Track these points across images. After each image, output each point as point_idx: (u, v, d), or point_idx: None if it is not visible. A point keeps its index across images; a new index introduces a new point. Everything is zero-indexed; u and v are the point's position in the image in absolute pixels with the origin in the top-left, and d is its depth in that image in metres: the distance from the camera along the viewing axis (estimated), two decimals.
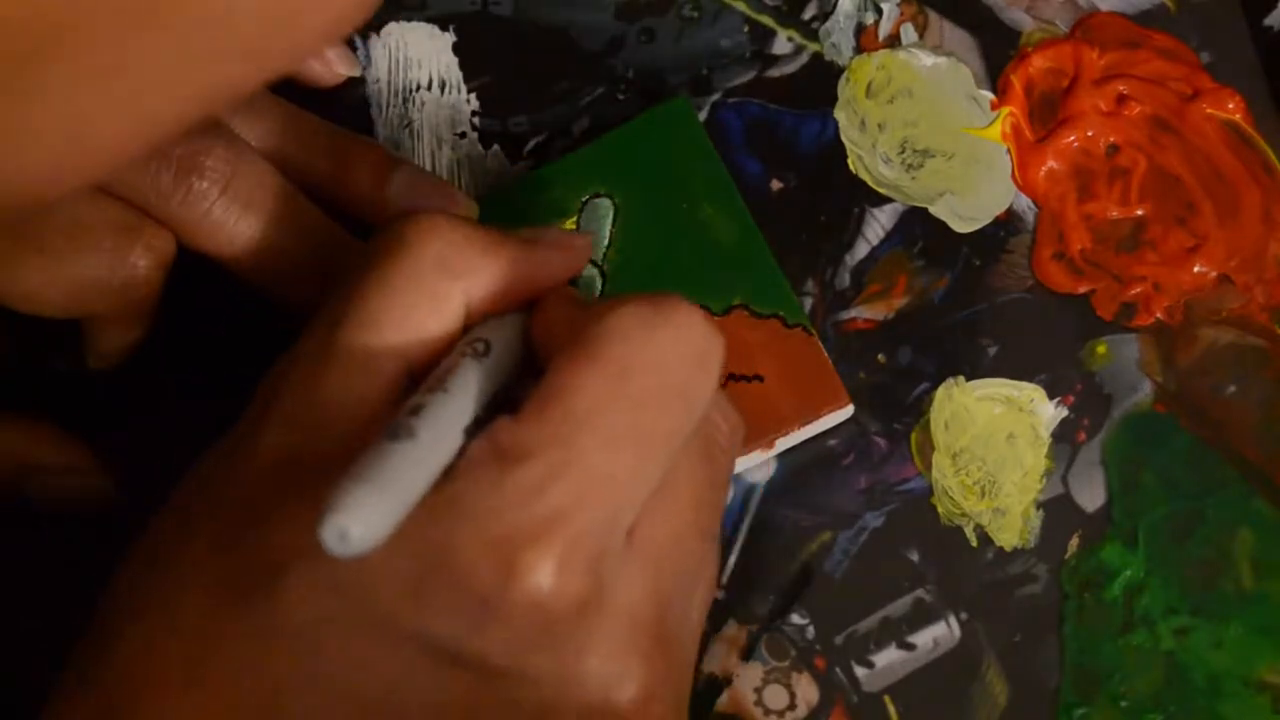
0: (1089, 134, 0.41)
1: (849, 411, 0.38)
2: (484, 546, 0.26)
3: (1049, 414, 0.40)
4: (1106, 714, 0.38)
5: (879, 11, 0.42)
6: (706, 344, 0.29)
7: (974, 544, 0.39)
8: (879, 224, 0.41)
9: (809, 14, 0.42)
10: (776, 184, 0.41)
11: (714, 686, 0.37)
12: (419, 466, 0.26)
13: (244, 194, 0.34)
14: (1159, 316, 0.40)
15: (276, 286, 0.35)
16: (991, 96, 0.42)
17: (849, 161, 0.41)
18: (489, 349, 0.29)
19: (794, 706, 0.37)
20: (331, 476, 0.25)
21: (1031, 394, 0.40)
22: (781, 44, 0.42)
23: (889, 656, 0.38)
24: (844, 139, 0.41)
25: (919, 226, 0.41)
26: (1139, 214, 0.41)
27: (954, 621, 0.38)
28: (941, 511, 0.39)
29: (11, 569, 0.36)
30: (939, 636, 0.38)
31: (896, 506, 0.39)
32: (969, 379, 0.40)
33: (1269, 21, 0.43)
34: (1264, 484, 0.39)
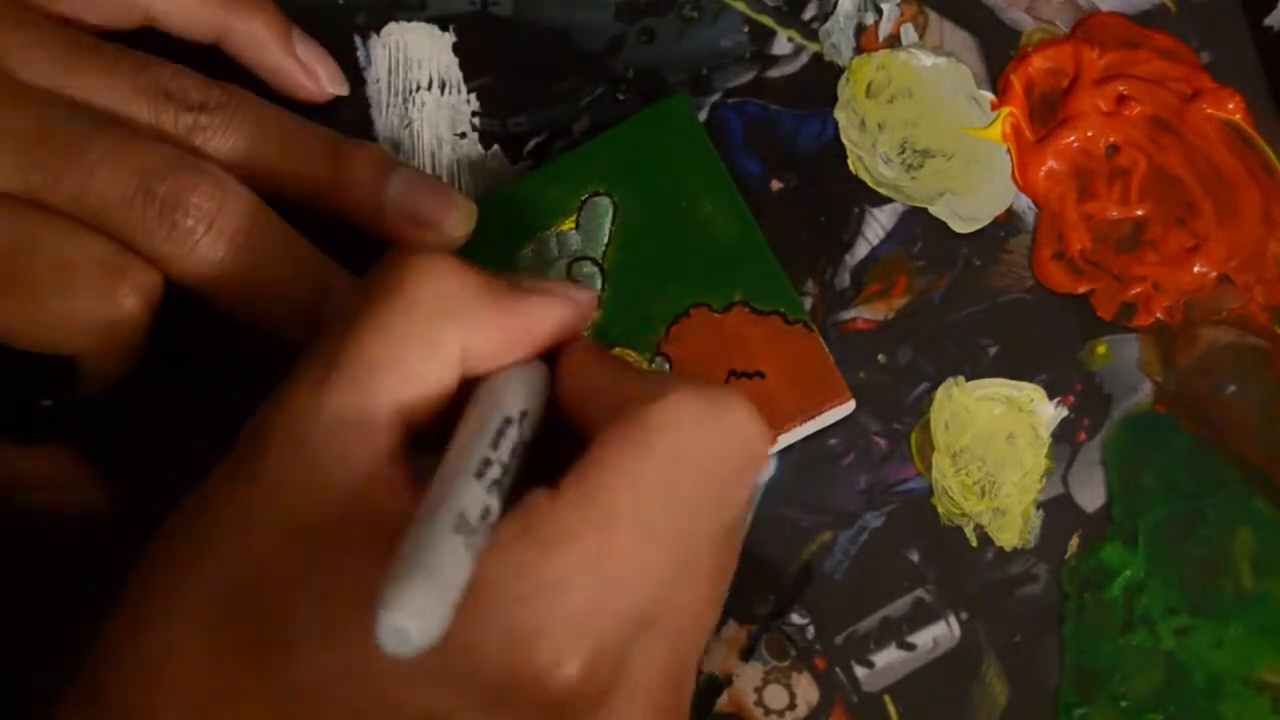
0: (1089, 134, 0.41)
1: (851, 406, 0.38)
2: (510, 637, 0.25)
3: (1049, 414, 0.40)
4: (1106, 714, 0.38)
5: (879, 12, 0.42)
6: (755, 446, 0.28)
7: (974, 544, 0.39)
8: (879, 224, 0.41)
9: (809, 14, 0.42)
10: (776, 184, 0.41)
11: (714, 686, 0.37)
12: (468, 551, 0.25)
13: (230, 229, 0.34)
14: (1159, 316, 0.40)
15: (266, 322, 0.35)
16: (991, 97, 0.42)
17: (849, 161, 0.41)
18: (525, 417, 0.28)
19: (794, 706, 0.37)
20: (336, 543, 0.25)
21: (1031, 394, 0.40)
22: (781, 44, 0.42)
23: (889, 656, 0.38)
24: (844, 139, 0.41)
25: (919, 226, 0.41)
26: (1139, 214, 0.41)
27: (954, 621, 0.38)
28: (941, 511, 0.39)
29: (11, 569, 0.36)
30: (939, 636, 0.38)
31: (896, 506, 0.39)
32: (969, 379, 0.40)
33: (1269, 21, 0.43)
34: (1264, 484, 0.39)
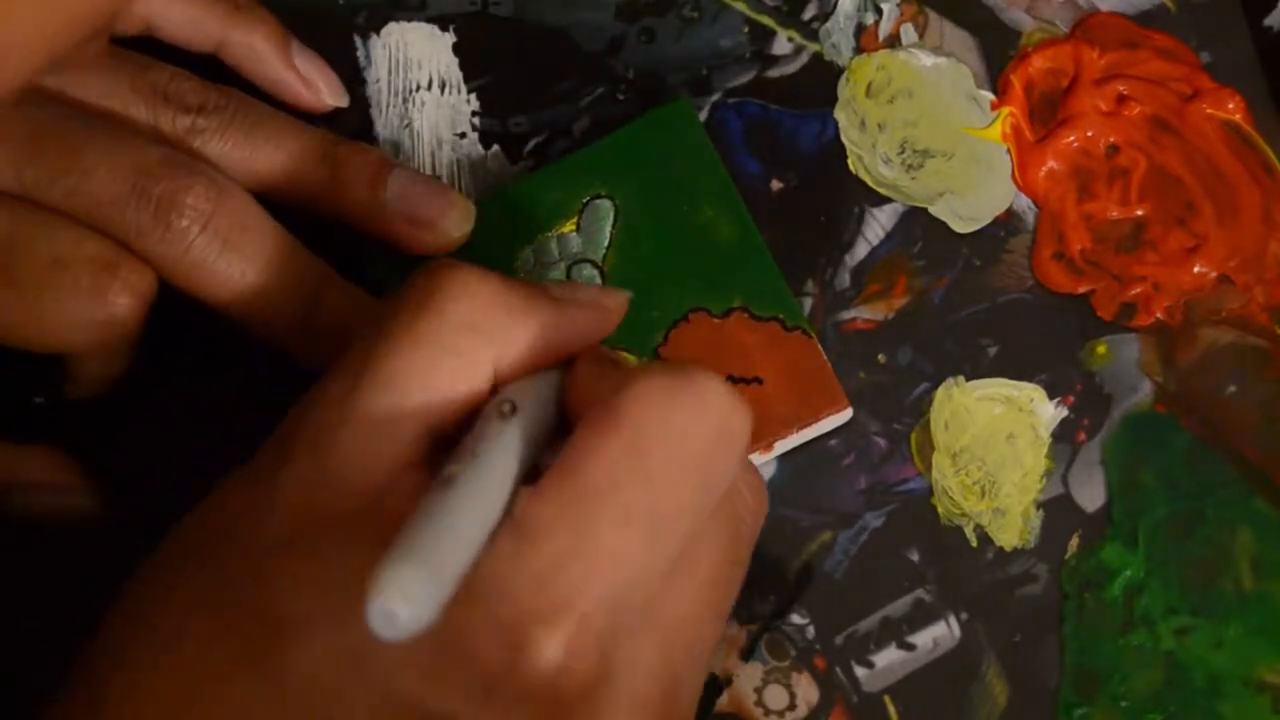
0: (1089, 134, 0.41)
1: (848, 415, 0.38)
2: (497, 627, 0.25)
3: (1049, 414, 0.40)
4: (1106, 714, 0.38)
5: (879, 12, 0.42)
6: (730, 419, 0.28)
7: (974, 544, 0.39)
8: (879, 224, 0.41)
9: (809, 14, 0.42)
10: (776, 184, 0.41)
11: (714, 686, 0.37)
12: (464, 541, 0.25)
13: (225, 232, 0.34)
14: (1159, 316, 0.40)
15: (260, 326, 0.35)
16: (991, 96, 0.42)
17: (849, 162, 0.41)
18: (515, 410, 0.28)
19: (794, 706, 0.37)
20: (343, 537, 0.25)
21: (1031, 394, 0.40)
22: (781, 44, 0.42)
23: (889, 656, 0.38)
24: (844, 139, 0.41)
25: (919, 226, 0.41)
26: (1139, 214, 0.41)
27: (954, 621, 0.38)
28: (941, 511, 0.39)
29: (8, 569, 0.36)
30: (939, 636, 0.38)
31: (896, 506, 0.39)
32: (969, 379, 0.40)
33: (1269, 21, 0.43)
34: (1264, 484, 0.39)
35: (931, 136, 0.41)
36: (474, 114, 0.41)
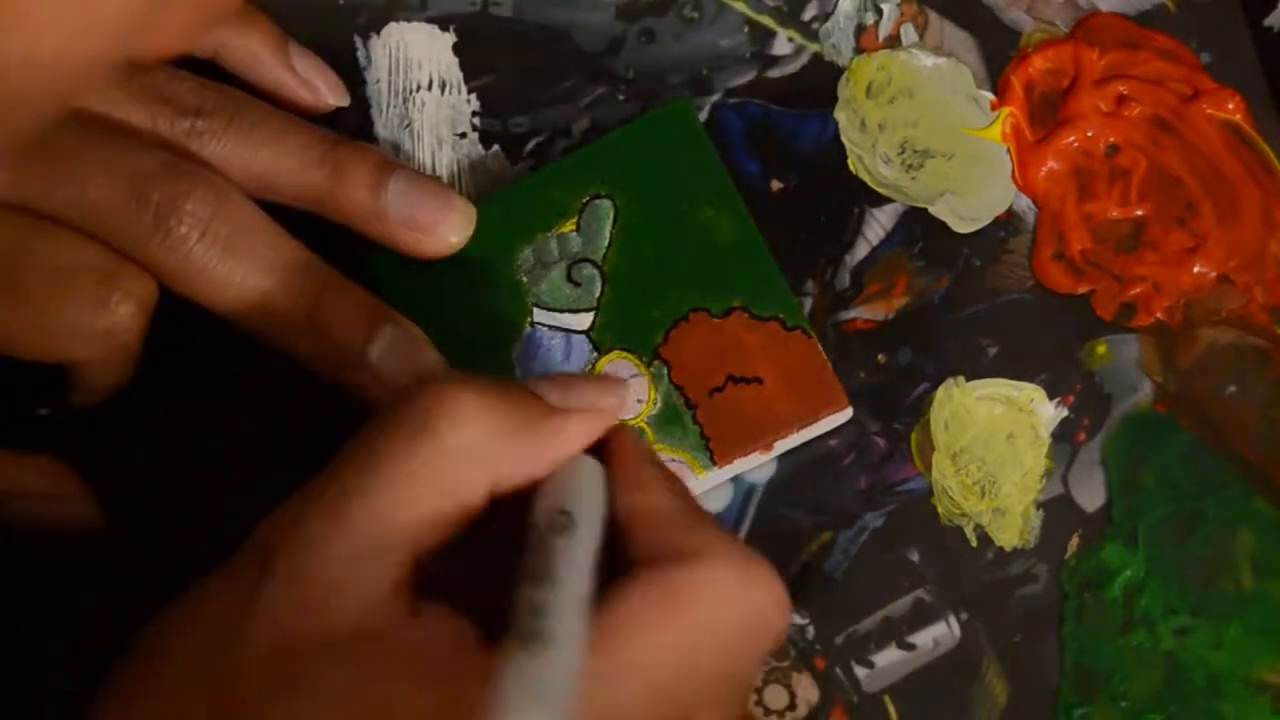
0: (1089, 134, 0.41)
1: (847, 415, 0.38)
2: None
3: (1049, 414, 0.40)
4: (1106, 714, 0.38)
5: (879, 12, 0.42)
6: (777, 623, 0.28)
7: (974, 544, 0.39)
8: (879, 224, 0.41)
9: (809, 14, 0.42)
10: (776, 184, 0.41)
11: None
12: (569, 672, 0.25)
13: (224, 237, 0.34)
14: (1159, 316, 0.40)
15: (261, 330, 0.35)
16: (991, 97, 0.42)
17: (849, 162, 0.41)
18: (573, 522, 0.28)
19: (794, 706, 0.37)
20: (324, 663, 0.25)
21: (1031, 394, 0.40)
22: (781, 44, 0.42)
23: (889, 656, 0.38)
24: (844, 139, 0.41)
25: (919, 226, 0.41)
26: (1139, 214, 0.41)
27: (954, 621, 0.38)
28: (941, 511, 0.39)
29: (6, 575, 0.36)
30: (939, 636, 0.38)
31: (896, 506, 0.39)
32: (969, 379, 0.40)
33: (1269, 21, 0.43)
34: (1264, 484, 0.39)
35: (931, 137, 0.41)
36: (474, 114, 0.41)
